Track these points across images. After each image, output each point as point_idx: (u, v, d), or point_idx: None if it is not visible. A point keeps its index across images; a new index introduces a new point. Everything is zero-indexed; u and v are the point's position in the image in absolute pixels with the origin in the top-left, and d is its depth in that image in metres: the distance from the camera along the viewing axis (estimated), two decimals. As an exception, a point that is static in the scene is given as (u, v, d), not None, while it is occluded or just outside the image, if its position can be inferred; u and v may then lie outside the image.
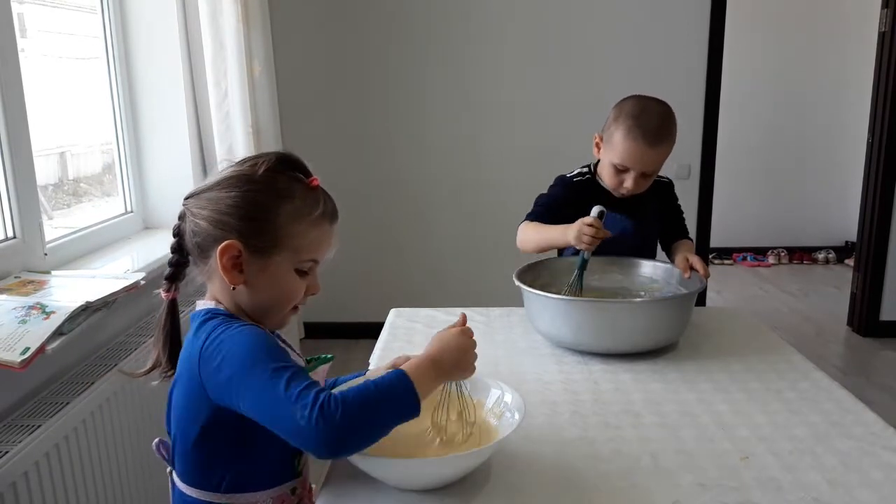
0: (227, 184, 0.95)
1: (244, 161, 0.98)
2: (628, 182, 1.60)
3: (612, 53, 3.41)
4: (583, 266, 1.56)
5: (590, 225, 1.48)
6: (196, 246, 0.96)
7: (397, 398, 0.87)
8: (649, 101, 1.60)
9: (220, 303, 0.97)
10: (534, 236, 1.63)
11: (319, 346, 3.35)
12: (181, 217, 0.98)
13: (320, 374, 1.03)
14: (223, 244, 0.92)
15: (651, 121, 1.56)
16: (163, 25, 2.16)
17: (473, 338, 1.01)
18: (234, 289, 0.95)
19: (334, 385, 1.11)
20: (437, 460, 1.01)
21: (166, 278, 1.00)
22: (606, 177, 1.64)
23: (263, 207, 0.93)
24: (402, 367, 0.92)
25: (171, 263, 1.00)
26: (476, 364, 1.01)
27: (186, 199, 0.98)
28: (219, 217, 0.93)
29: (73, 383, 1.51)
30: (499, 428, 1.06)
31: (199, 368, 0.89)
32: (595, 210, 1.51)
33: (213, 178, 0.97)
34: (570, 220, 1.54)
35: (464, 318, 1.04)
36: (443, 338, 0.99)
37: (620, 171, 1.60)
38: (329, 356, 1.05)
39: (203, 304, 0.98)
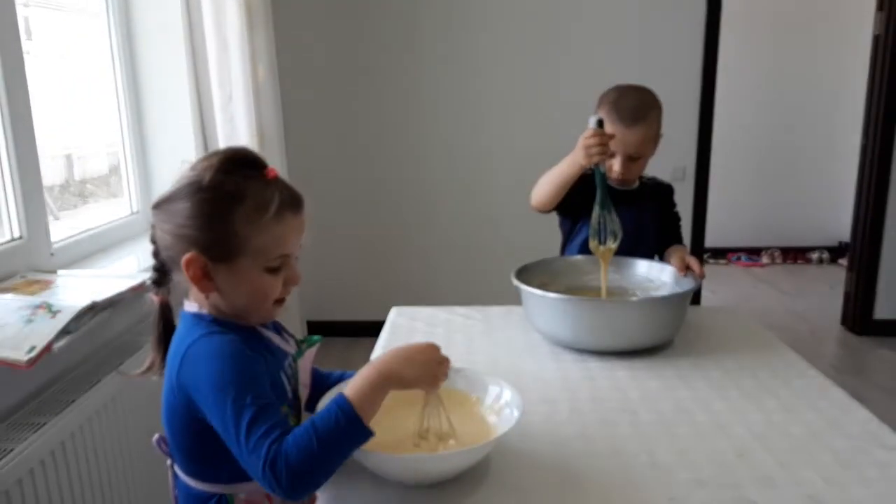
0: (182, 193, 0.93)
1: (196, 164, 0.95)
2: (616, 166, 1.69)
3: (607, 54, 3.43)
4: (604, 187, 1.57)
5: (592, 136, 1.52)
6: (168, 258, 0.96)
7: (341, 432, 0.86)
8: (628, 87, 1.70)
9: (203, 307, 0.97)
10: (544, 180, 1.67)
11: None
12: (153, 227, 0.98)
13: (308, 357, 1.04)
14: (185, 258, 0.92)
15: (628, 103, 1.65)
16: (167, 28, 2.17)
17: (440, 352, 1.00)
18: (207, 297, 0.95)
19: (340, 379, 1.11)
20: (436, 456, 1.01)
21: (152, 283, 1.00)
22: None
23: (216, 215, 0.91)
24: (344, 390, 0.90)
25: (154, 269, 1.00)
26: (445, 373, 1.00)
27: (153, 209, 0.97)
28: (178, 231, 0.93)
29: (79, 381, 1.52)
30: (497, 424, 1.07)
31: (178, 375, 0.92)
32: (592, 120, 1.55)
33: (173, 185, 0.95)
34: (576, 206, 1.65)
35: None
36: (404, 348, 0.98)
37: (609, 156, 1.67)
38: (317, 337, 1.06)
39: (189, 306, 0.98)
